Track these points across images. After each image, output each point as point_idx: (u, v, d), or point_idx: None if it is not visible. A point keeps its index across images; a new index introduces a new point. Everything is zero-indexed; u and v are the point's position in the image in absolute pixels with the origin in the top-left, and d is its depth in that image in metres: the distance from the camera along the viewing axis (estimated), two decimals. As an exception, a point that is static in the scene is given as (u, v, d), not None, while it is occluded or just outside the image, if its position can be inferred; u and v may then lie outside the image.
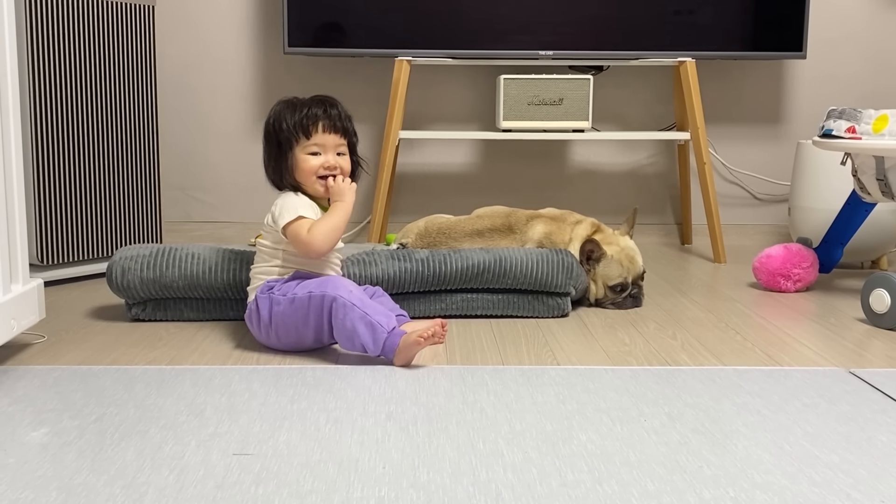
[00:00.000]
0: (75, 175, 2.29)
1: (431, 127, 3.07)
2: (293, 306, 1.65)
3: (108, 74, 2.34)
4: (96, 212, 2.35)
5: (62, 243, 2.28)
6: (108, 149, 2.36)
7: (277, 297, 1.68)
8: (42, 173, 2.22)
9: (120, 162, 2.39)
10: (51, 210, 2.24)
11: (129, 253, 1.90)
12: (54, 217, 2.25)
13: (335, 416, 1.36)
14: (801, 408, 1.42)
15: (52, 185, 2.24)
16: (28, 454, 1.21)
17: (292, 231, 1.67)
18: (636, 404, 1.43)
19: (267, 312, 1.68)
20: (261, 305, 1.69)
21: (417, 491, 1.10)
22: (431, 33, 2.77)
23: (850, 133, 2.10)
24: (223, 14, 3.01)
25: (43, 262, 2.24)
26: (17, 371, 1.57)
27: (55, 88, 2.23)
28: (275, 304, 1.67)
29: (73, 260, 2.31)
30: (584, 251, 2.08)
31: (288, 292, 1.67)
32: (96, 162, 2.34)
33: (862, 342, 1.86)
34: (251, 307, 1.72)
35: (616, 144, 3.13)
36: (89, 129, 2.31)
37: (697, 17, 2.81)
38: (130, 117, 2.41)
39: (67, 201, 2.28)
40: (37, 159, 2.21)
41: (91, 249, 2.35)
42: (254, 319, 1.71)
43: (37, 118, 2.20)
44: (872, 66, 3.11)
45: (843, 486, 1.13)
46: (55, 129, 2.24)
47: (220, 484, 1.11)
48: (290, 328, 1.67)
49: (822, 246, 2.38)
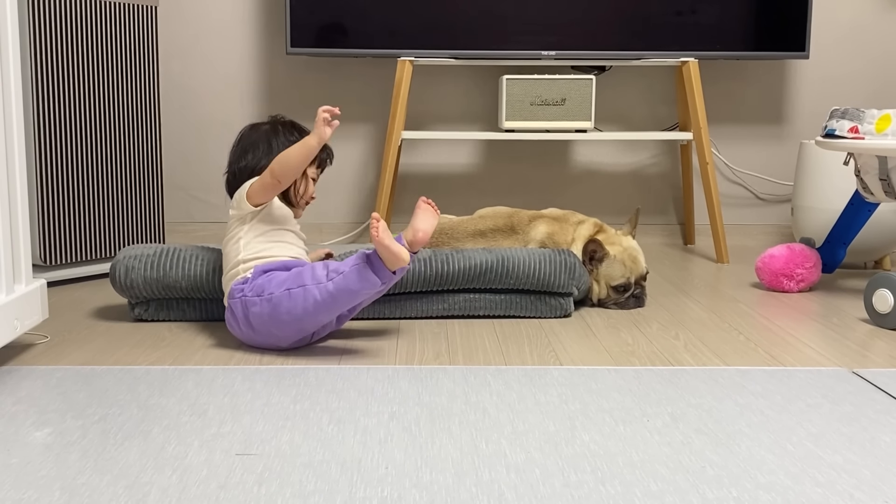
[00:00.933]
0: (78, 175, 2.29)
1: (434, 127, 3.07)
2: (272, 304, 1.64)
3: (111, 75, 2.35)
4: (99, 212, 2.35)
5: (65, 244, 2.28)
6: (111, 149, 2.36)
7: (252, 299, 1.67)
8: (45, 174, 2.22)
9: (123, 162, 2.39)
10: (54, 210, 2.24)
11: (132, 252, 1.91)
12: (57, 217, 2.25)
13: (338, 416, 1.36)
14: (805, 408, 1.42)
15: (54, 186, 2.24)
16: (31, 454, 1.21)
17: (254, 187, 1.72)
18: (639, 404, 1.43)
19: (242, 315, 1.69)
20: (235, 310, 1.70)
21: (420, 491, 1.10)
22: (434, 33, 2.77)
23: (852, 133, 2.10)
24: (225, 14, 3.01)
25: (46, 262, 2.24)
26: (21, 371, 1.57)
27: (58, 89, 2.23)
28: (250, 305, 1.67)
29: (76, 260, 2.31)
30: (586, 251, 2.08)
31: (263, 291, 1.66)
32: (99, 162, 2.34)
33: (865, 342, 1.85)
34: (227, 313, 1.73)
35: (619, 144, 3.13)
36: (92, 130, 2.32)
37: (700, 17, 2.81)
38: (133, 117, 2.41)
39: (70, 202, 2.28)
40: (40, 160, 2.21)
41: (94, 250, 2.35)
42: (233, 324, 1.72)
43: (40, 119, 2.20)
44: (875, 66, 3.10)
45: (846, 487, 1.13)
46: (58, 130, 2.24)
47: (223, 484, 1.11)
48: (272, 326, 1.66)
49: (825, 246, 2.37)
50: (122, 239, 2.41)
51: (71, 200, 2.28)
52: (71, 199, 2.28)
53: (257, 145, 1.82)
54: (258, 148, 1.81)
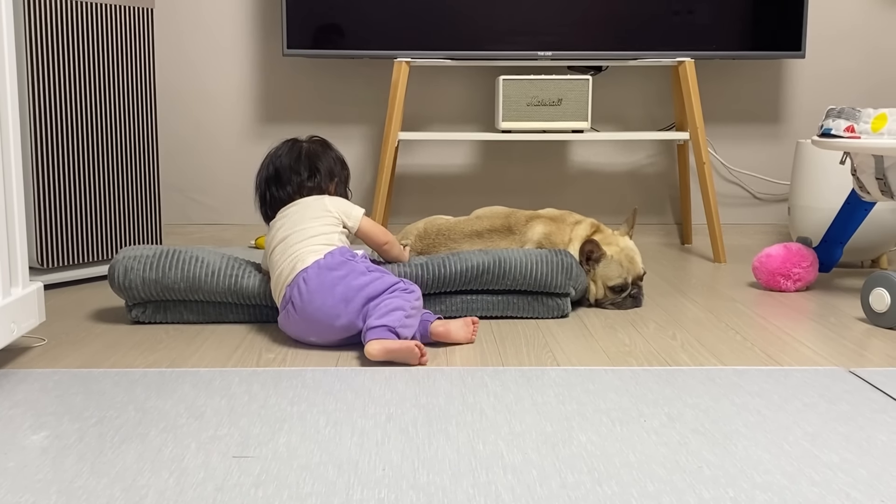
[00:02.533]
0: (75, 178, 2.29)
1: (431, 128, 3.07)
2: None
3: (107, 77, 2.35)
4: (96, 215, 2.35)
5: (62, 246, 2.28)
6: (108, 151, 2.36)
7: (364, 263, 1.78)
8: (41, 176, 2.22)
9: (119, 164, 2.39)
10: (50, 213, 2.24)
11: (132, 253, 1.91)
12: (54, 220, 2.25)
13: (335, 418, 1.36)
14: (801, 407, 1.42)
15: (51, 189, 2.24)
16: (28, 457, 1.21)
17: (370, 222, 1.92)
18: (636, 405, 1.43)
19: (340, 261, 1.75)
20: (333, 259, 1.75)
21: (417, 493, 1.10)
22: (430, 34, 2.78)
23: (849, 132, 2.10)
24: (222, 16, 3.01)
25: (43, 265, 2.24)
26: (18, 374, 1.57)
27: (54, 91, 2.23)
28: (356, 264, 1.76)
29: (73, 263, 2.31)
30: (583, 251, 2.08)
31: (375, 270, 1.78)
32: (96, 165, 2.34)
33: (862, 341, 1.86)
34: (336, 256, 1.76)
35: (615, 145, 3.13)
36: (88, 133, 2.32)
37: (696, 16, 2.81)
38: (130, 120, 2.41)
39: (67, 204, 2.28)
40: (36, 162, 2.21)
41: (91, 252, 2.35)
42: (339, 268, 1.75)
43: (36, 121, 2.20)
44: (871, 66, 3.11)
45: (842, 486, 1.13)
46: (54, 133, 2.24)
47: (220, 486, 1.11)
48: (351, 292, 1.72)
49: (822, 245, 2.38)
50: (120, 241, 2.41)
51: (67, 203, 2.28)
52: (67, 202, 2.28)
53: (319, 157, 1.96)
54: (335, 162, 1.98)
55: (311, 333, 1.75)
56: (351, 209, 1.89)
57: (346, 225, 1.87)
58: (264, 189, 1.95)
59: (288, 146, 1.97)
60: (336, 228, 1.84)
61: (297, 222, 1.83)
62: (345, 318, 1.70)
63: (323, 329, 1.73)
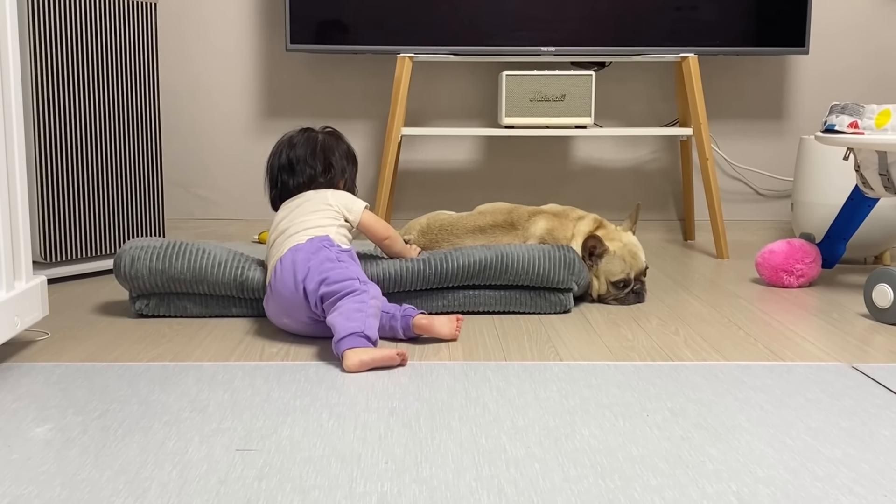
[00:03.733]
0: (78, 172, 2.29)
1: (433, 123, 3.07)
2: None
3: (111, 72, 2.35)
4: (99, 209, 2.35)
5: (65, 241, 2.28)
6: (111, 146, 2.37)
7: (338, 253, 1.76)
8: (45, 171, 2.22)
9: (122, 159, 2.40)
10: (54, 207, 2.25)
11: (139, 244, 1.91)
12: (57, 214, 2.25)
13: (338, 411, 1.36)
14: (804, 403, 1.42)
15: (54, 183, 2.24)
16: (32, 450, 1.21)
17: (372, 217, 1.91)
18: (639, 400, 1.43)
19: (315, 249, 1.74)
20: (313, 246, 1.75)
21: (420, 486, 1.10)
22: (433, 30, 2.77)
23: (852, 128, 2.10)
24: (225, 11, 3.01)
25: (46, 259, 2.24)
26: (21, 368, 1.58)
27: (58, 86, 2.23)
28: (330, 253, 1.74)
29: (76, 257, 2.31)
30: (586, 247, 2.08)
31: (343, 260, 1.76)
32: (99, 159, 2.34)
33: (865, 337, 1.86)
34: (316, 243, 1.76)
35: (618, 140, 3.13)
36: (92, 127, 2.32)
37: (700, 12, 2.81)
38: (133, 114, 2.41)
39: (70, 199, 2.28)
40: (40, 157, 2.21)
41: (94, 247, 2.35)
42: (316, 251, 1.74)
43: (39, 116, 2.20)
44: (875, 61, 3.10)
45: (845, 481, 1.13)
46: (58, 127, 2.24)
47: (224, 479, 1.12)
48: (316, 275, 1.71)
49: (825, 241, 2.37)
50: (122, 236, 2.41)
51: (71, 197, 2.28)
52: (71, 196, 2.28)
53: (334, 151, 1.96)
54: (347, 157, 1.99)
55: (282, 313, 1.77)
56: (353, 203, 1.88)
57: (348, 219, 1.86)
58: (276, 175, 1.93)
59: (304, 137, 1.94)
60: (335, 222, 1.83)
61: (297, 216, 1.83)
62: (301, 293, 1.70)
63: (289, 306, 1.73)
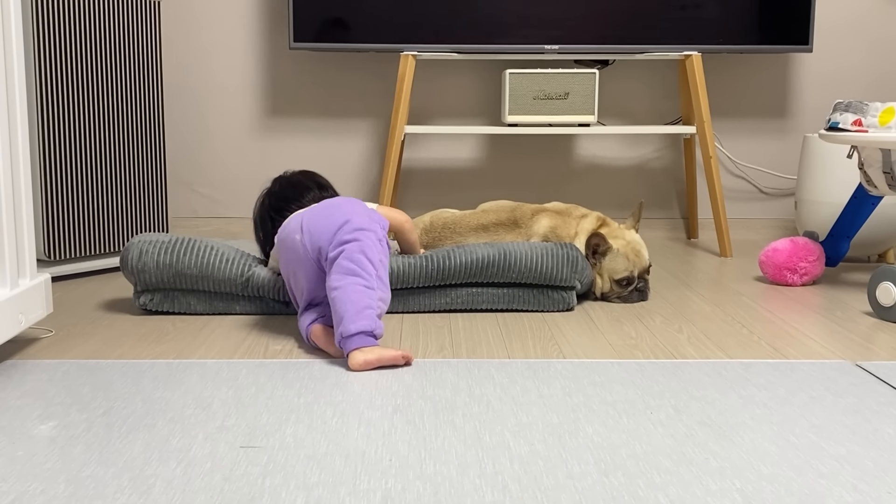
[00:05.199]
0: (82, 170, 2.30)
1: (437, 122, 3.07)
2: None
3: (115, 70, 2.35)
4: (103, 207, 2.35)
5: (69, 238, 2.28)
6: (115, 144, 2.37)
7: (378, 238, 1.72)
8: (49, 169, 2.23)
9: (126, 157, 2.40)
10: (58, 205, 2.25)
11: (147, 238, 1.92)
12: (61, 212, 2.26)
13: (342, 409, 1.36)
14: (808, 400, 1.42)
15: (58, 181, 2.25)
16: (36, 447, 1.21)
17: (404, 217, 1.95)
18: (642, 397, 1.43)
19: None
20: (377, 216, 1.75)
21: (424, 483, 1.10)
22: (437, 28, 2.78)
23: (856, 126, 2.09)
24: (228, 9, 3.01)
25: (50, 257, 2.25)
26: (26, 365, 1.58)
27: (62, 83, 2.23)
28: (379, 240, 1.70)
29: (81, 255, 2.32)
30: (589, 245, 2.08)
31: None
32: (103, 157, 2.34)
33: (868, 335, 1.85)
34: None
35: (622, 138, 3.13)
36: (96, 125, 2.32)
37: (703, 10, 2.81)
38: (137, 112, 2.41)
39: (74, 197, 2.29)
40: (44, 155, 2.21)
41: (98, 245, 2.35)
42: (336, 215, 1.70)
43: (43, 113, 2.20)
44: (879, 59, 3.10)
45: (849, 478, 1.13)
46: (62, 125, 2.24)
47: (228, 476, 1.12)
48: None
49: (829, 239, 2.37)
50: (127, 234, 2.41)
51: (75, 195, 2.29)
52: (75, 194, 2.29)
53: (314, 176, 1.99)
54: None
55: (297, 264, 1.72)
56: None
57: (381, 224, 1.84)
58: (266, 217, 1.91)
59: (279, 180, 1.97)
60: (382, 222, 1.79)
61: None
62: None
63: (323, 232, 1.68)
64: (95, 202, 2.34)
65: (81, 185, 2.30)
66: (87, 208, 2.32)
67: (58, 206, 2.25)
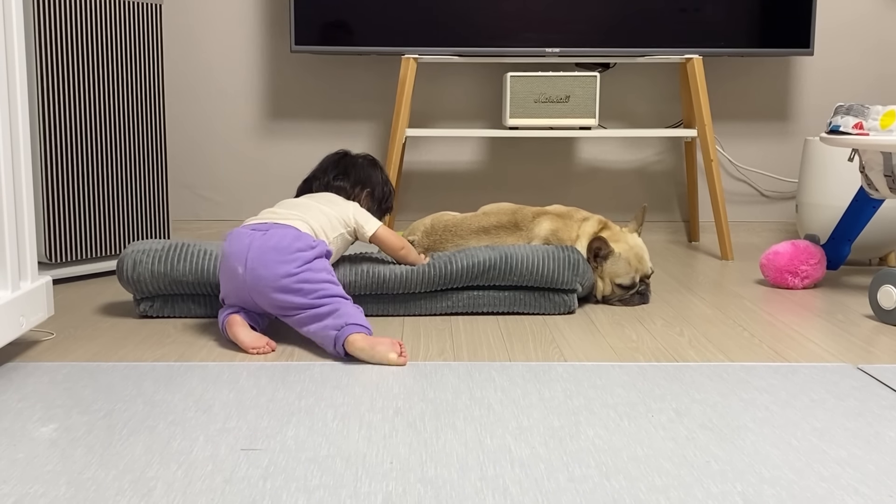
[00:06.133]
0: (83, 173, 2.30)
1: (438, 124, 3.07)
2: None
3: (116, 73, 2.35)
4: (104, 210, 2.35)
5: (70, 241, 2.28)
6: (116, 147, 2.37)
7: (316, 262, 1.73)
8: (50, 171, 2.23)
9: (128, 160, 2.40)
10: (59, 208, 2.25)
11: (140, 247, 1.91)
12: (62, 215, 2.26)
13: (343, 411, 1.36)
14: (809, 403, 1.42)
15: (60, 184, 2.25)
16: (37, 449, 1.21)
17: (386, 231, 1.91)
18: (643, 400, 1.43)
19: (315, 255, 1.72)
20: (320, 249, 1.74)
21: (425, 486, 1.10)
22: (438, 31, 2.78)
23: (857, 129, 2.09)
24: (230, 12, 3.01)
25: (51, 259, 2.25)
26: (27, 367, 1.58)
27: (63, 87, 2.24)
28: (311, 263, 1.71)
29: (82, 258, 2.32)
30: (591, 248, 2.08)
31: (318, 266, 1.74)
32: (104, 160, 2.34)
33: (870, 338, 1.85)
34: (318, 244, 1.76)
35: (623, 142, 3.13)
36: (97, 128, 2.32)
37: (704, 13, 2.81)
38: (138, 115, 2.41)
39: (75, 199, 2.29)
40: (45, 157, 2.21)
41: (99, 247, 2.35)
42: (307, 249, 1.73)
43: (45, 117, 2.20)
44: (880, 62, 3.10)
45: (850, 481, 1.13)
46: (63, 128, 2.24)
47: (229, 478, 1.12)
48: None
49: (830, 242, 2.37)
50: (128, 236, 2.41)
51: (76, 198, 2.29)
52: (76, 197, 2.29)
53: (370, 176, 2.04)
54: (375, 179, 2.04)
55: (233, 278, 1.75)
56: (369, 219, 1.90)
57: (359, 232, 1.88)
58: (309, 178, 2.04)
59: (334, 154, 2.08)
60: (339, 230, 1.85)
61: (317, 200, 1.89)
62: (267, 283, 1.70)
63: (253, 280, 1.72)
64: (97, 205, 2.34)
65: (83, 188, 2.30)
66: (88, 211, 2.32)
67: (59, 209, 2.25)
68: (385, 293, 1.94)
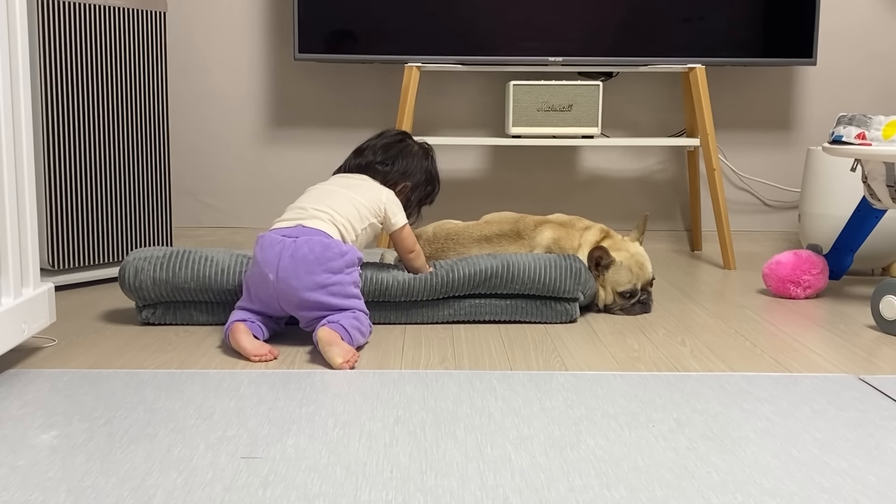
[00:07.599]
0: (86, 180, 2.30)
1: (441, 133, 3.07)
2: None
3: (119, 80, 2.36)
4: (107, 217, 2.36)
5: (73, 248, 2.29)
6: (119, 154, 2.38)
7: (350, 271, 1.79)
8: (53, 178, 2.23)
9: (131, 167, 2.41)
10: (62, 215, 2.25)
11: (143, 254, 1.92)
12: (65, 222, 2.26)
13: (343, 420, 1.36)
14: (811, 414, 1.42)
15: (63, 190, 2.25)
16: (38, 456, 1.21)
17: (409, 230, 1.95)
18: (645, 410, 1.42)
19: (322, 254, 1.75)
20: (328, 248, 1.75)
21: (425, 495, 1.10)
22: (441, 39, 2.78)
23: (859, 139, 2.09)
24: (233, 20, 3.02)
25: (53, 266, 2.25)
26: (28, 374, 1.58)
27: (66, 94, 2.24)
28: (343, 269, 1.77)
29: (84, 264, 2.32)
30: (592, 257, 2.08)
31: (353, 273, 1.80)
32: (107, 167, 2.35)
33: (872, 349, 1.85)
34: (348, 251, 1.78)
35: (625, 151, 3.13)
36: (100, 135, 2.33)
37: (707, 23, 2.81)
38: (141, 122, 2.42)
39: (78, 206, 2.29)
40: (48, 164, 2.22)
41: (101, 254, 2.36)
42: (335, 251, 1.76)
43: (48, 123, 2.21)
44: (883, 73, 3.10)
45: (851, 493, 1.13)
46: (66, 135, 2.25)
47: (229, 487, 1.12)
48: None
49: (832, 252, 2.37)
50: (130, 243, 2.42)
51: (79, 205, 2.29)
52: (79, 204, 2.29)
53: (417, 169, 2.04)
54: (419, 170, 2.04)
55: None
56: (398, 212, 1.93)
57: (388, 223, 1.91)
58: (351, 154, 2.07)
59: (394, 135, 2.08)
60: (369, 219, 1.88)
61: (347, 186, 1.91)
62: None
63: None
64: (99, 211, 2.34)
65: (85, 195, 2.31)
66: (90, 218, 2.32)
67: (61, 216, 2.26)
68: (387, 301, 1.94)
